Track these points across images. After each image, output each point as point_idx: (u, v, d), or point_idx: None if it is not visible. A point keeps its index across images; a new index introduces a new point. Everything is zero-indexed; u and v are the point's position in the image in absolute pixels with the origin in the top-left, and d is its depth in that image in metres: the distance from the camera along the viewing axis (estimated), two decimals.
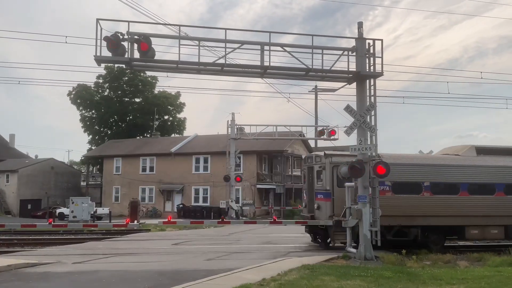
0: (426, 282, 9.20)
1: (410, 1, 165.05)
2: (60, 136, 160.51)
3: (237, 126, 34.14)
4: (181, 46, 11.90)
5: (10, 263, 11.33)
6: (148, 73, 59.27)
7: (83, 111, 62.67)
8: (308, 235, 17.46)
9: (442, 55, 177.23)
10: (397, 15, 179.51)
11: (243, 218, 34.13)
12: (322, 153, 16.74)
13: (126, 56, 11.49)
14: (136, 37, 11.33)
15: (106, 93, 63.74)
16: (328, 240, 16.06)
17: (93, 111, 62.64)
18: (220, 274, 9.85)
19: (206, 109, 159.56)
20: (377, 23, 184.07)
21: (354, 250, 12.68)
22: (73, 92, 61.13)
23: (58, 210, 40.63)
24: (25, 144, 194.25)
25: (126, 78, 62.40)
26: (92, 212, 34.01)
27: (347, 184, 13.89)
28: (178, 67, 12.32)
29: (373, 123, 12.57)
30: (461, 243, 18.53)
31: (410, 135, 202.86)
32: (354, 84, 13.11)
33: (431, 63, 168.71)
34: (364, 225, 12.22)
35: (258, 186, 42.21)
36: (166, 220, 21.96)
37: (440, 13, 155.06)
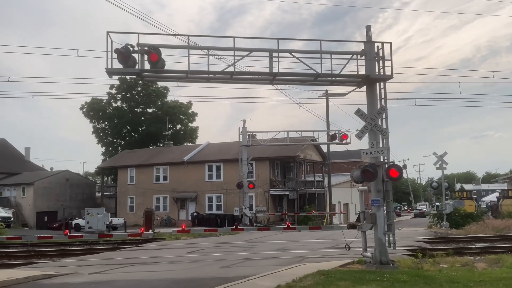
0: (443, 285, 9.09)
1: (419, 2, 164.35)
2: (74, 148, 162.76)
3: (249, 133, 34.24)
4: (190, 55, 11.99)
5: (28, 275, 11.47)
6: (159, 83, 59.97)
7: (96, 123, 63.41)
8: (321, 240, 17.37)
9: (454, 55, 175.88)
10: (406, 17, 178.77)
11: (257, 224, 34.12)
12: None
13: (136, 67, 11.60)
14: (146, 48, 11.45)
15: (118, 104, 64.43)
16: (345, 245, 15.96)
17: (106, 123, 63.32)
18: (235, 281, 9.85)
19: (218, 117, 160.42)
20: (387, 25, 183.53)
21: (369, 255, 12.56)
22: (86, 106, 62.00)
23: (74, 221, 41.06)
24: (41, 157, 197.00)
25: (139, 89, 63.11)
26: (108, 223, 34.26)
27: (360, 188, 13.81)
28: (187, 76, 12.41)
29: (384, 126, 12.49)
30: (479, 244, 18.30)
31: (423, 137, 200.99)
32: (364, 88, 13.06)
33: (443, 63, 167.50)
34: (378, 229, 12.12)
35: (271, 192, 42.15)
36: (180, 228, 22.05)
37: (451, 13, 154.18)
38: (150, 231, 25.79)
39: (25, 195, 50.44)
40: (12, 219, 42.18)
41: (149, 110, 65.14)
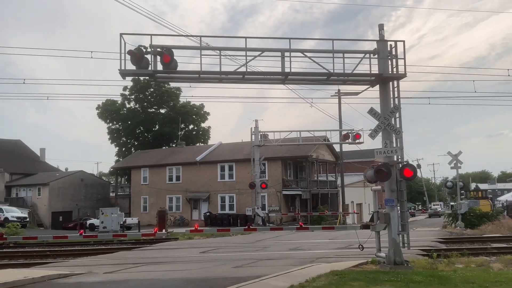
0: (458, 285, 8.99)
1: (433, 0, 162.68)
2: (89, 149, 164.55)
3: (261, 133, 34.23)
4: (202, 56, 12.03)
5: (43, 274, 11.61)
6: (172, 84, 60.35)
7: (110, 124, 64.08)
8: (334, 240, 17.30)
9: (468, 53, 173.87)
10: (420, 15, 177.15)
11: (270, 224, 34.10)
12: None
13: (149, 68, 11.68)
14: (158, 49, 11.51)
15: (132, 105, 65.01)
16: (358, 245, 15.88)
17: (120, 123, 63.94)
18: (248, 281, 9.86)
19: (230, 117, 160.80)
20: (400, 24, 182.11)
21: (383, 255, 12.48)
22: (100, 107, 62.71)
23: (88, 221, 41.47)
24: (56, 157, 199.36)
25: (152, 90, 63.61)
26: (122, 222, 34.56)
27: (373, 188, 13.73)
28: (200, 77, 12.46)
29: (398, 125, 12.39)
30: (494, 245, 18.07)
31: (437, 136, 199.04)
32: (377, 87, 12.97)
33: (458, 61, 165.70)
34: (392, 229, 12.03)
35: (284, 192, 42.11)
36: (193, 228, 22.16)
37: (465, 11, 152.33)
38: (164, 231, 25.94)
39: (41, 196, 51.12)
40: (27, 219, 42.76)
41: (162, 111, 65.61)
